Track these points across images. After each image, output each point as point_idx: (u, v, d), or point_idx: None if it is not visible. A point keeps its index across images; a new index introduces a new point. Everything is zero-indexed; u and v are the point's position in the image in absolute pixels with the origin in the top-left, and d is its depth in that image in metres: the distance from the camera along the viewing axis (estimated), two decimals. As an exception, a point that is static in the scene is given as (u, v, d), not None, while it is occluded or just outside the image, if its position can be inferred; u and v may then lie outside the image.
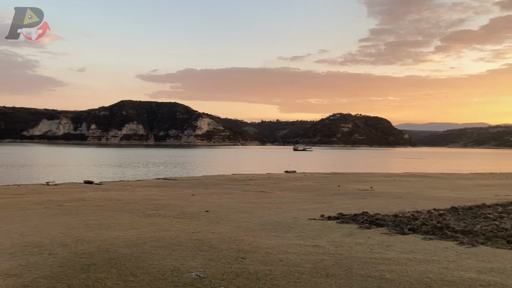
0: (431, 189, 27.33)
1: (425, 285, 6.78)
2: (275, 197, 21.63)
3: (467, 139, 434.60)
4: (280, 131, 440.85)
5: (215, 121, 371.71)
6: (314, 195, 22.95)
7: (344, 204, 18.48)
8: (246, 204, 18.17)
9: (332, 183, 31.84)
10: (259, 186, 28.44)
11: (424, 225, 12.21)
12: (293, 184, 30.70)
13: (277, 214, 14.85)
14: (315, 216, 14.33)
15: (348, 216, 14.12)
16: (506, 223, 12.70)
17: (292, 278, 7.07)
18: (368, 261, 8.29)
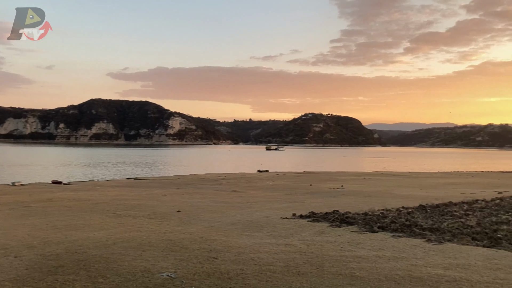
0: (400, 188, 27.90)
1: (393, 282, 6.92)
2: (248, 196, 21.64)
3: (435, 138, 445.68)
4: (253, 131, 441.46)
5: (187, 120, 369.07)
6: (286, 194, 23.07)
7: (316, 203, 18.65)
8: (219, 203, 18.12)
9: (304, 182, 32.09)
10: (231, 186, 28.40)
11: (393, 223, 12.47)
12: (265, 183, 30.79)
13: (249, 214, 14.87)
14: (287, 215, 14.41)
15: (319, 214, 14.26)
16: (472, 220, 13.10)
17: (264, 277, 7.09)
18: (339, 259, 8.41)
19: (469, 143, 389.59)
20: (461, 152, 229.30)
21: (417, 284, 6.80)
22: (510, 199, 19.16)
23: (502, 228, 11.65)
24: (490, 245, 9.86)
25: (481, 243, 10.02)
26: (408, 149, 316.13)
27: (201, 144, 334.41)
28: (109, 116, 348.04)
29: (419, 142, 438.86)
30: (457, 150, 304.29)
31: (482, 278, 7.19)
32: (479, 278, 7.16)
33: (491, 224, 12.35)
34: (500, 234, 10.90)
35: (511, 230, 11.44)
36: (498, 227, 11.81)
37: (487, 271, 7.64)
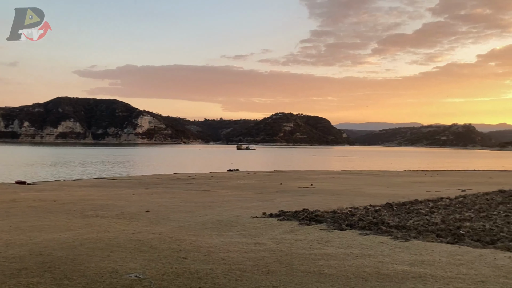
0: (367, 186, 28.42)
1: (361, 279, 7.04)
2: (218, 195, 21.59)
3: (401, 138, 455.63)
4: (223, 130, 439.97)
5: (156, 119, 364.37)
6: (256, 193, 23.14)
7: (286, 201, 18.79)
8: (188, 203, 18.00)
9: (274, 181, 32.25)
10: (202, 185, 28.26)
11: (361, 220, 12.68)
12: (236, 183, 30.78)
13: (219, 213, 14.84)
14: (257, 214, 14.46)
15: (289, 213, 14.37)
16: (436, 217, 13.47)
17: (234, 276, 7.09)
18: (308, 257, 8.49)
19: (434, 142, 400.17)
20: (427, 151, 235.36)
21: (384, 281, 6.94)
22: (473, 197, 19.80)
23: (465, 225, 12.02)
24: (453, 241, 10.17)
25: (445, 240, 10.32)
26: (375, 148, 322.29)
27: (170, 143, 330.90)
28: (76, 115, 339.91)
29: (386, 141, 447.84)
30: (423, 149, 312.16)
31: (446, 273, 7.40)
32: (443, 274, 7.37)
33: (455, 221, 12.74)
34: (463, 230, 11.26)
35: (474, 227, 11.84)
36: (461, 224, 12.19)
37: (450, 266, 7.87)
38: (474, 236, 10.62)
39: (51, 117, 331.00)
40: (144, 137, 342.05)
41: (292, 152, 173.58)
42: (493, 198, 19.48)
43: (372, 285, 6.73)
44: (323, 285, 6.69)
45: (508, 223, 12.44)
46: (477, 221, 12.90)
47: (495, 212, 14.72)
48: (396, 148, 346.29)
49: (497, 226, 12.00)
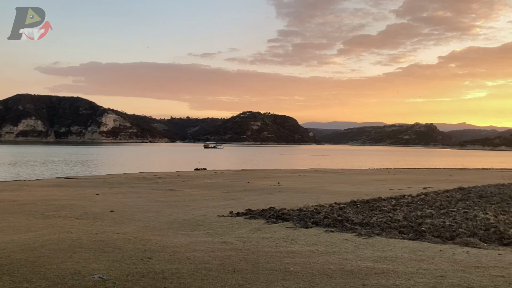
0: (333, 184, 28.85)
1: (326, 276, 7.14)
2: (185, 195, 21.43)
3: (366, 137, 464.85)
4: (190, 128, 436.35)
5: (121, 117, 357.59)
6: (223, 192, 23.09)
7: (253, 200, 18.84)
8: (154, 203, 17.79)
9: (242, 180, 32.28)
10: (168, 185, 27.96)
11: (326, 218, 12.87)
12: (203, 182, 30.62)
13: (185, 212, 14.73)
14: (224, 212, 14.44)
15: (256, 211, 14.42)
16: (399, 214, 13.82)
17: (199, 276, 7.06)
18: (274, 255, 8.55)
19: (397, 141, 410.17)
20: (390, 150, 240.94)
21: (348, 277, 7.07)
22: (434, 194, 20.43)
23: (426, 222, 12.40)
24: (415, 237, 10.46)
25: (407, 236, 10.60)
26: (341, 147, 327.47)
27: (136, 142, 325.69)
28: (37, 113, 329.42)
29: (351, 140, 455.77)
30: (386, 148, 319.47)
31: (407, 269, 7.60)
32: (405, 269, 7.57)
33: (416, 218, 13.11)
34: (424, 227, 11.60)
35: (434, 223, 12.22)
36: (423, 221, 12.56)
37: (412, 262, 8.10)
38: (435, 232, 10.96)
39: (10, 114, 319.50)
40: (109, 136, 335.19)
41: (260, 151, 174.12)
42: (453, 195, 20.15)
43: (337, 281, 6.84)
44: (289, 282, 6.75)
45: (466, 219, 12.90)
46: (437, 217, 13.32)
47: (455, 209, 15.25)
48: (361, 146, 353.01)
49: (456, 222, 12.43)
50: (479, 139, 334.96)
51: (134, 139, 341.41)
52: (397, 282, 6.82)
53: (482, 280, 6.89)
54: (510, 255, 8.68)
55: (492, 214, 13.82)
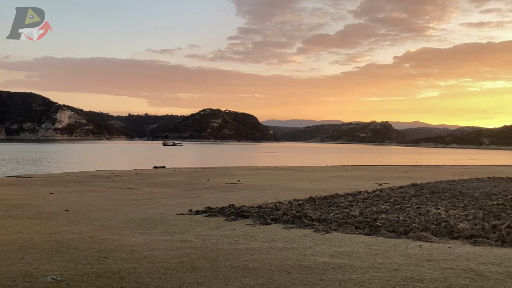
0: (292, 181, 29.18)
1: (284, 272, 7.23)
2: (143, 193, 21.09)
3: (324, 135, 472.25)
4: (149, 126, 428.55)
5: (77, 114, 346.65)
6: (183, 190, 22.90)
7: (212, 198, 18.78)
8: (111, 201, 17.41)
9: (202, 178, 32.09)
10: (125, 183, 27.42)
11: (285, 215, 13.02)
12: (162, 180, 30.22)
13: (144, 211, 14.51)
14: (183, 211, 14.33)
15: (215, 209, 14.39)
16: (355, 210, 14.17)
17: (157, 274, 6.98)
18: (233, 252, 8.57)
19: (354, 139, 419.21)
20: (347, 147, 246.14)
21: (305, 273, 7.19)
22: (388, 191, 21.05)
23: (381, 217, 12.77)
24: (370, 232, 10.75)
25: (363, 231, 10.88)
26: (300, 144, 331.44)
27: (92, 139, 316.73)
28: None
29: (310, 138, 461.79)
30: (344, 145, 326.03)
31: (363, 263, 7.81)
32: (361, 264, 7.77)
33: (372, 214, 13.49)
34: (379, 222, 11.95)
35: (389, 218, 12.60)
36: (378, 216, 12.93)
37: (367, 257, 8.32)
38: (389, 227, 11.31)
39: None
40: (64, 133, 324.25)
41: (220, 148, 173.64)
42: (407, 191, 20.85)
43: (295, 277, 6.93)
44: (247, 279, 6.79)
45: (419, 215, 13.39)
46: (392, 213, 13.75)
47: (408, 205, 15.79)
48: (319, 144, 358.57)
49: (410, 217, 12.88)
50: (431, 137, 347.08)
51: (90, 137, 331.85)
52: (353, 276, 6.98)
53: (433, 272, 7.16)
54: (459, 248, 9.07)
55: (443, 209, 14.41)
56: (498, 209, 14.69)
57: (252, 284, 6.54)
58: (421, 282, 6.61)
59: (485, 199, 17.46)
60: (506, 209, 14.69)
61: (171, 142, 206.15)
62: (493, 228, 11.11)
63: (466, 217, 12.94)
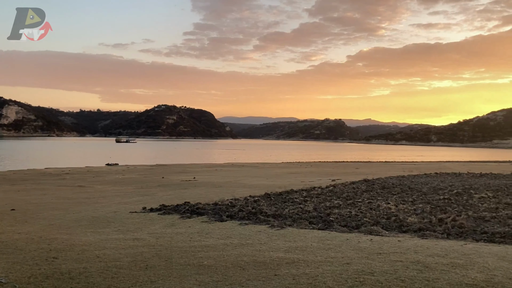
0: (248, 178, 29.30)
1: (239, 268, 7.24)
2: (95, 191, 20.53)
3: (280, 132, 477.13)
4: (101, 122, 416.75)
5: (25, 110, 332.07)
6: (137, 187, 22.49)
7: (167, 195, 18.56)
8: (61, 200, 16.85)
9: (156, 175, 31.62)
10: (76, 181, 26.60)
11: (241, 211, 13.06)
12: (114, 177, 29.54)
13: (95, 209, 14.14)
14: (136, 209, 14.08)
15: (170, 207, 14.23)
16: (309, 206, 14.41)
17: (110, 274, 6.82)
18: (188, 249, 8.50)
19: (309, 136, 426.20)
20: (302, 144, 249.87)
21: (260, 268, 7.23)
22: (341, 186, 21.56)
23: (334, 212, 13.06)
24: (324, 227, 10.97)
25: (316, 226, 11.09)
26: (256, 141, 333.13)
27: (41, 136, 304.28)
28: None
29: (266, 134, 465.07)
30: (299, 142, 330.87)
31: (316, 258, 7.95)
32: (314, 258, 7.91)
33: (325, 209, 13.76)
34: (332, 217, 12.21)
35: (342, 213, 12.90)
36: (331, 211, 13.21)
37: (320, 251, 8.48)
38: (342, 222, 11.58)
39: None
40: (11, 129, 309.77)
41: (175, 145, 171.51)
42: (359, 187, 21.43)
43: (250, 273, 6.97)
44: (202, 276, 6.76)
45: (370, 209, 13.79)
46: (344, 208, 14.09)
47: (360, 200, 16.23)
48: (275, 141, 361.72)
49: (361, 212, 13.24)
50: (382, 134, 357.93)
51: (39, 133, 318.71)
52: (306, 271, 7.10)
53: (383, 265, 7.40)
54: (408, 241, 9.41)
55: (393, 204, 14.92)
56: (444, 203, 15.37)
57: (207, 281, 6.52)
58: (372, 275, 6.81)
59: (433, 194, 18.22)
60: (452, 203, 15.40)
61: (125, 139, 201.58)
62: (439, 221, 11.60)
63: (415, 211, 13.45)
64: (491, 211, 13.48)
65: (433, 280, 6.51)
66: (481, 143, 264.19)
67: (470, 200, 16.28)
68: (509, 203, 15.22)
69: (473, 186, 21.71)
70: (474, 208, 14.06)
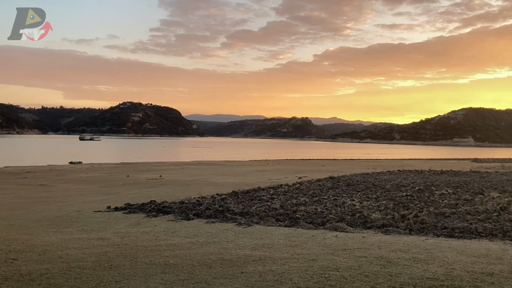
0: (216, 176, 29.21)
1: (205, 266, 7.22)
2: (58, 190, 20.01)
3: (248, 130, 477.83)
4: (64, 119, 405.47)
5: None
6: (101, 186, 22.06)
7: (133, 194, 18.29)
8: (22, 199, 16.33)
9: (121, 174, 31.08)
10: (38, 179, 25.82)
11: (208, 209, 13.01)
12: (78, 176, 28.85)
13: (58, 208, 13.78)
14: (101, 208, 13.82)
15: (135, 206, 14.04)
16: (276, 203, 14.50)
17: (72, 275, 6.66)
18: (154, 248, 8.41)
19: (276, 134, 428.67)
20: (270, 142, 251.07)
21: (227, 266, 7.24)
22: (308, 183, 21.81)
23: (301, 209, 13.21)
24: (290, 224, 11.08)
25: (283, 223, 11.18)
26: (224, 139, 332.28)
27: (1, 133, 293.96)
28: None
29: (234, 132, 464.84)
30: (266, 140, 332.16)
31: (283, 255, 8.02)
32: (280, 255, 7.98)
33: (292, 206, 13.89)
34: (298, 214, 12.34)
35: (308, 210, 13.06)
36: (297, 208, 13.35)
37: (287, 248, 8.56)
38: (308, 218, 11.73)
39: None
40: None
41: (141, 143, 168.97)
42: (324, 184, 21.74)
43: (216, 271, 6.96)
44: (168, 275, 6.70)
45: (336, 206, 14.02)
46: (310, 205, 14.27)
47: (326, 197, 16.47)
48: (243, 139, 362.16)
49: (327, 209, 13.44)
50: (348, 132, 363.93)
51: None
52: (273, 267, 7.15)
53: (348, 261, 7.54)
54: (372, 237, 9.63)
55: (357, 201, 15.21)
56: (407, 199, 15.80)
57: (173, 280, 6.47)
58: (337, 270, 6.93)
59: (396, 191, 18.69)
60: (414, 199, 15.85)
61: (89, 137, 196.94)
62: (402, 217, 11.91)
63: (378, 207, 13.77)
64: (451, 207, 13.95)
65: (396, 274, 6.68)
66: (442, 141, 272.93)
67: (432, 196, 16.79)
68: (468, 199, 15.80)
69: (434, 183, 22.40)
70: (435, 204, 14.51)
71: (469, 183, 22.84)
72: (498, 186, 20.96)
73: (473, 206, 13.96)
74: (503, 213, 12.52)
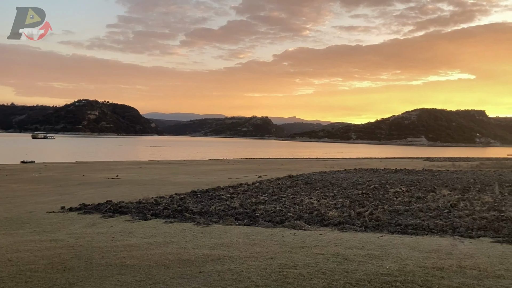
0: (174, 175, 28.90)
1: (163, 267, 7.13)
2: (8, 190, 19.21)
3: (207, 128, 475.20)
4: (16, 117, 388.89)
5: None
6: (55, 186, 21.36)
7: (88, 194, 17.82)
8: (-32, 200, 15.56)
9: (76, 173, 30.21)
10: (-14, 179, 24.68)
11: (166, 209, 12.86)
12: (31, 176, 27.80)
13: (8, 209, 13.25)
14: (54, 208, 13.38)
15: (91, 206, 13.69)
16: (235, 202, 14.51)
17: (23, 278, 6.41)
18: (110, 249, 8.22)
19: (237, 133, 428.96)
20: (230, 141, 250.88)
21: (185, 266, 7.18)
22: (267, 182, 21.95)
23: (260, 208, 13.28)
24: (249, 223, 11.11)
25: (242, 222, 11.20)
26: (183, 138, 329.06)
27: None
28: None
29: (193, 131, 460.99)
30: (226, 139, 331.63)
31: (241, 253, 8.04)
32: (239, 254, 7.99)
33: (251, 205, 13.95)
34: (258, 213, 12.40)
35: (267, 209, 13.15)
36: (257, 207, 13.42)
37: (246, 247, 8.58)
38: (267, 217, 11.81)
39: None
40: None
41: (97, 142, 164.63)
42: (283, 182, 21.95)
43: (174, 271, 6.89)
44: (124, 276, 6.57)
45: (294, 204, 14.19)
46: (269, 203, 14.37)
47: (285, 195, 16.64)
48: (203, 138, 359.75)
49: (286, 207, 13.59)
50: (306, 132, 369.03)
51: None
52: (231, 266, 7.16)
53: (306, 258, 7.65)
54: (329, 235, 9.81)
55: (315, 199, 15.46)
56: (363, 197, 16.20)
57: (129, 281, 6.35)
58: (295, 268, 7.02)
59: (352, 189, 19.13)
60: (369, 197, 16.27)
61: (42, 135, 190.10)
62: (358, 215, 12.21)
63: (335, 205, 14.04)
64: (404, 204, 14.42)
65: (352, 271, 6.84)
66: (397, 141, 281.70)
67: (386, 194, 17.29)
68: (421, 197, 16.38)
69: (389, 181, 23.09)
70: (389, 202, 14.95)
71: (422, 181, 23.68)
72: (448, 184, 21.85)
73: (425, 204, 14.48)
74: (453, 210, 13.06)
